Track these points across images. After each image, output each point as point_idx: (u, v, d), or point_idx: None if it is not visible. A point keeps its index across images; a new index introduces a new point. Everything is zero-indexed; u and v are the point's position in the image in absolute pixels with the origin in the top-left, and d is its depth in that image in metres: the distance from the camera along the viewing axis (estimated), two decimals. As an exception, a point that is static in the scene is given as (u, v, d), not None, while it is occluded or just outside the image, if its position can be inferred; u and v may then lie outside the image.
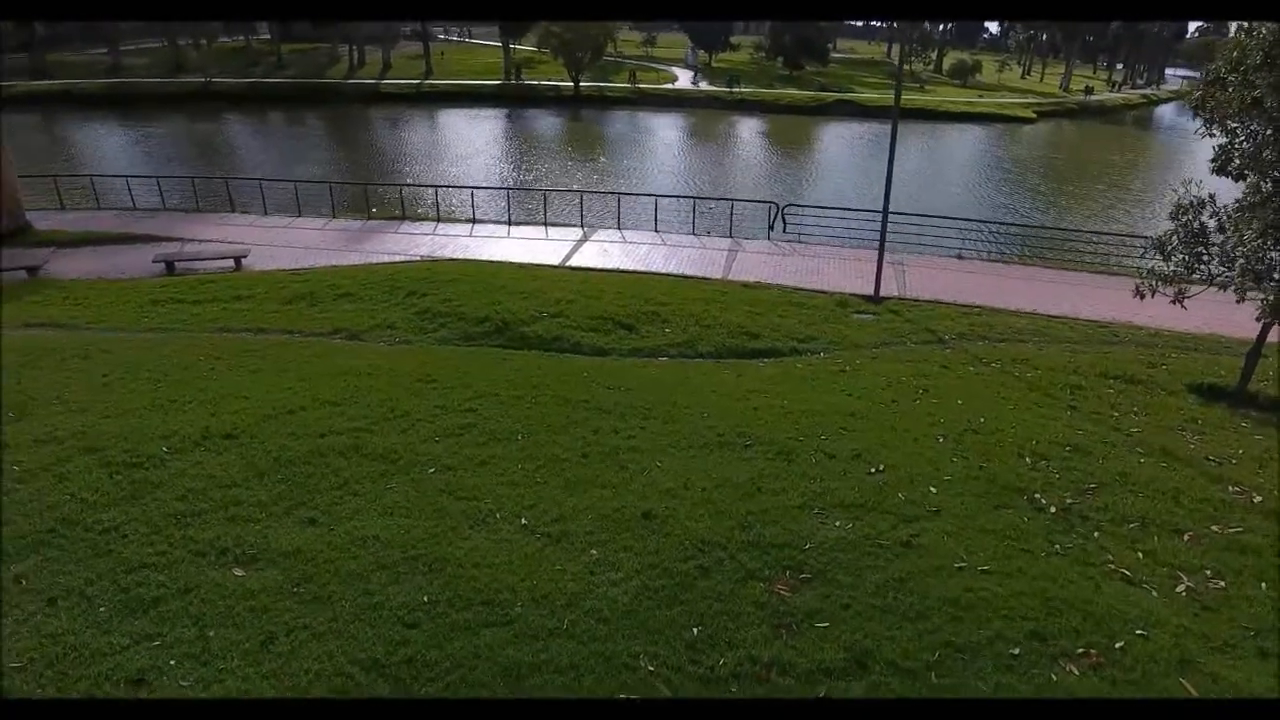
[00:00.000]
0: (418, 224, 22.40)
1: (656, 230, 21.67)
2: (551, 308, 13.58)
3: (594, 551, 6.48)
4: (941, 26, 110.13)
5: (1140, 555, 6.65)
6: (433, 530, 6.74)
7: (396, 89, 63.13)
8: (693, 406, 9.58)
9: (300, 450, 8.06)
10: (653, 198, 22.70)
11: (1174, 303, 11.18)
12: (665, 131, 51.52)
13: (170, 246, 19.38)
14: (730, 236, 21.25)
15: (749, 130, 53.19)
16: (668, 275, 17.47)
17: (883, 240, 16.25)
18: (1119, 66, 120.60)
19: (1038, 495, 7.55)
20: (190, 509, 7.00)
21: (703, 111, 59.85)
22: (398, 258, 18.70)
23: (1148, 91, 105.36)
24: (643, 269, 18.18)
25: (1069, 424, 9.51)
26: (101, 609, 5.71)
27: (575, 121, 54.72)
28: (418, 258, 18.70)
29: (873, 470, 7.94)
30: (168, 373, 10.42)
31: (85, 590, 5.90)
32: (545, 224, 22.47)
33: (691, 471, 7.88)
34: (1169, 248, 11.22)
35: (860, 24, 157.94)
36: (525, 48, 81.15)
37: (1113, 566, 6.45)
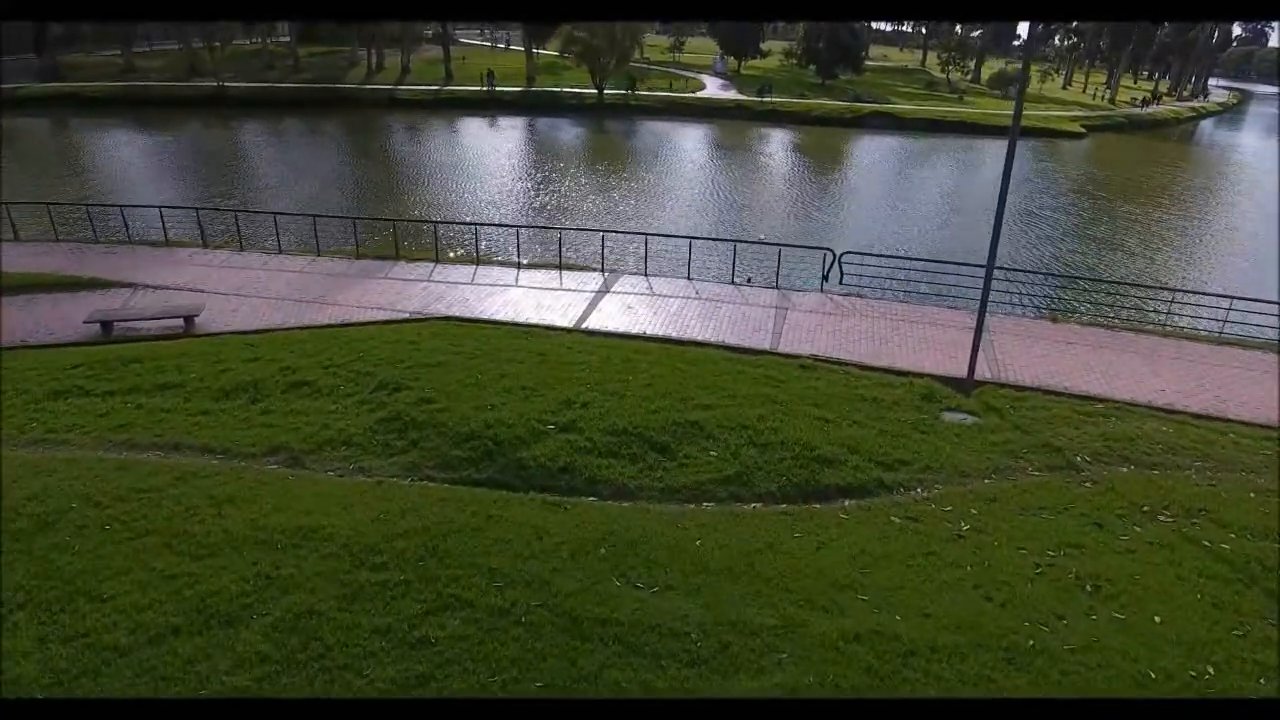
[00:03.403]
0: (413, 265, 19.30)
1: (689, 278, 18.44)
2: (560, 414, 10.37)
3: None
4: (976, 32, 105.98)
5: None
6: None
7: (413, 95, 60.34)
8: (762, 631, 6.35)
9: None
10: (686, 239, 19.42)
11: None
12: (692, 145, 48.26)
13: (117, 296, 16.42)
14: (776, 287, 17.98)
15: (780, 145, 49.75)
16: (706, 345, 14.29)
17: (982, 311, 12.79)
18: (1161, 76, 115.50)
19: None
20: None
21: (731, 123, 56.48)
22: (381, 315, 15.63)
23: (1194, 104, 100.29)
24: (675, 333, 15.03)
25: (1342, 674, 6.20)
26: None
27: (599, 134, 51.56)
28: (405, 315, 15.63)
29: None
30: (14, 538, 7.39)
31: None
32: (560, 266, 19.30)
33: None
34: None
35: (890, 29, 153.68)
36: (548, 53, 78.30)
37: None
